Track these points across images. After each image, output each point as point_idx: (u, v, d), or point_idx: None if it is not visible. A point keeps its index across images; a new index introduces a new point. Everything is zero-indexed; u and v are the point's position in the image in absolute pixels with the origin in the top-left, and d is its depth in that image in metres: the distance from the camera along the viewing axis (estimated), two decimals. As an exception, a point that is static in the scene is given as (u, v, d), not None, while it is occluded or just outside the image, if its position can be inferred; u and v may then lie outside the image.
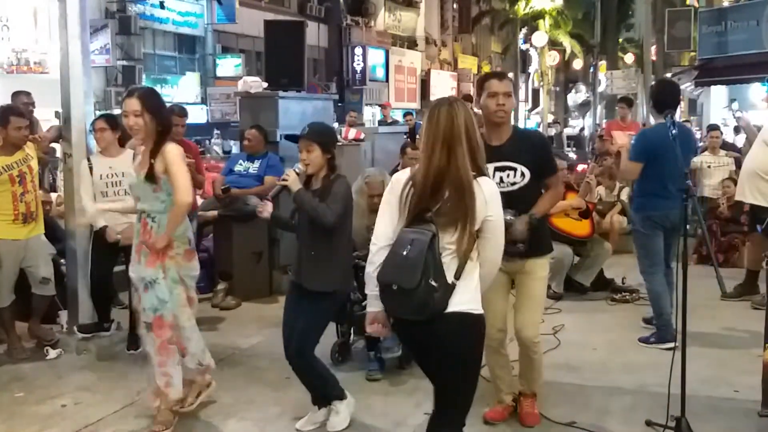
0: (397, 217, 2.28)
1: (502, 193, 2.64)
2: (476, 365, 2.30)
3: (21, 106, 5.21)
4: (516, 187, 3.02)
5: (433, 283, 2.14)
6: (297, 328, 3.13)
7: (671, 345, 3.80)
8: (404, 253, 2.16)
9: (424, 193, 2.22)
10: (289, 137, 3.35)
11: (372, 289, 2.29)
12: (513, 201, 2.90)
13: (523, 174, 3.02)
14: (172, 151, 3.15)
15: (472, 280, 2.25)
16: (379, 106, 17.11)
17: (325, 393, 3.22)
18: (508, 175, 3.02)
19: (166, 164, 3.11)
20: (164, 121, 3.18)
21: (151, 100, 3.15)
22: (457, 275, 2.21)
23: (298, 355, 3.15)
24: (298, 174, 3.07)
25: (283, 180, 3.09)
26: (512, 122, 3.21)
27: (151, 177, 3.11)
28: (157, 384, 3.19)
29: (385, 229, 2.29)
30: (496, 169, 2.99)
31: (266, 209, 3.23)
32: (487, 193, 2.25)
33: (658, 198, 4.18)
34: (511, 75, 32.60)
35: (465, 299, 2.22)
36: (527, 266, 3.09)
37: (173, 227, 3.16)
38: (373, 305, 2.31)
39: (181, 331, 3.22)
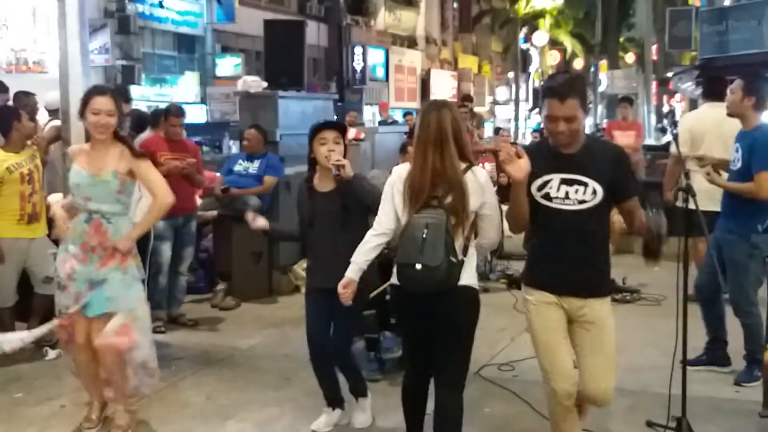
0: (401, 208, 2.59)
1: (566, 212, 2.51)
2: (473, 334, 2.67)
3: (32, 107, 5.21)
4: (584, 206, 2.51)
5: (453, 259, 2.48)
6: (336, 331, 3.12)
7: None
8: (423, 236, 2.45)
9: (423, 189, 2.54)
10: (317, 126, 3.07)
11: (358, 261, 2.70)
12: (578, 224, 2.51)
13: (594, 192, 2.50)
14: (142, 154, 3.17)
15: (473, 259, 2.61)
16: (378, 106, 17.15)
17: (359, 386, 3.24)
18: (576, 191, 2.51)
19: (133, 167, 3.07)
20: (122, 121, 3.20)
21: (119, 101, 3.13)
22: (464, 253, 2.56)
23: (342, 354, 3.16)
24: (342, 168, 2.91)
25: (338, 162, 2.91)
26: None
27: (117, 176, 3.04)
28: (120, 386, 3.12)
29: (386, 218, 2.63)
30: (563, 181, 2.52)
31: (258, 220, 3.18)
32: (482, 180, 2.57)
33: None
34: (510, 74, 32.57)
35: (470, 275, 2.59)
36: (590, 310, 2.57)
37: (148, 227, 3.20)
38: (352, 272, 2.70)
39: (136, 322, 3.10)
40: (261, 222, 3.22)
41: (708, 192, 3.73)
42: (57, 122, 5.21)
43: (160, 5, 15.41)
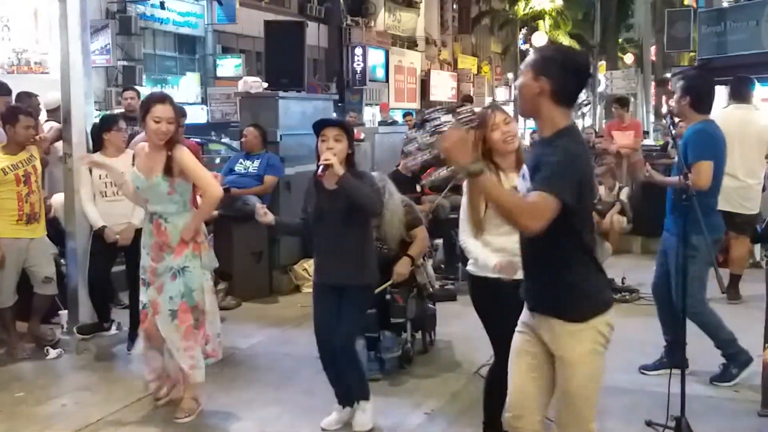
0: None
1: None
2: (490, 317, 2.78)
3: (35, 108, 5.21)
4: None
5: None
6: (342, 326, 3.10)
7: (750, 369, 3.55)
8: None
9: None
10: (317, 124, 3.09)
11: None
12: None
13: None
14: (185, 153, 3.25)
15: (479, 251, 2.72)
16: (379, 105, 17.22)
17: (361, 389, 3.21)
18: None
19: (181, 167, 3.20)
20: (179, 128, 3.28)
21: (177, 107, 3.26)
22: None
23: (348, 351, 3.15)
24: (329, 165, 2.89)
25: (326, 161, 2.89)
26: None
27: (169, 175, 3.19)
28: (182, 368, 3.27)
29: None
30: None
31: (268, 214, 3.16)
32: None
33: (717, 213, 3.63)
34: (510, 75, 32.59)
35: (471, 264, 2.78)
36: (552, 335, 2.09)
37: (202, 219, 3.33)
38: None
39: (208, 315, 3.33)
40: (269, 218, 3.17)
41: (723, 192, 3.75)
42: (54, 124, 5.22)
43: (162, 6, 15.41)
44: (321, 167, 2.93)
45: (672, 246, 3.58)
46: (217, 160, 6.39)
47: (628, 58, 31.45)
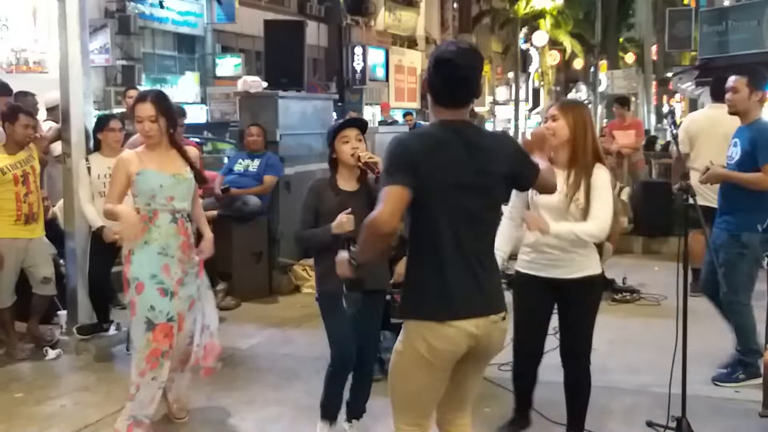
0: None
1: None
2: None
3: (32, 107, 5.20)
4: None
5: None
6: (374, 334, 3.03)
7: (755, 381, 3.49)
8: None
9: None
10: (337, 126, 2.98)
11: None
12: None
13: None
14: (196, 153, 3.32)
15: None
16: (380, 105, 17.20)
17: (361, 404, 3.11)
18: None
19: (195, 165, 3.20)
20: (175, 123, 3.19)
21: (163, 103, 3.12)
22: None
23: (374, 360, 3.09)
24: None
25: (371, 159, 2.81)
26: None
27: (199, 178, 3.18)
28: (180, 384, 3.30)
29: None
30: None
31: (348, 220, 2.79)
32: None
33: None
34: (511, 74, 32.60)
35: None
36: None
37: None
38: None
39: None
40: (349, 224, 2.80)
41: (698, 189, 3.74)
42: (53, 123, 5.21)
43: (161, 5, 15.40)
44: (371, 166, 2.81)
45: (724, 243, 3.59)
46: (225, 159, 6.43)
47: (629, 58, 31.42)
